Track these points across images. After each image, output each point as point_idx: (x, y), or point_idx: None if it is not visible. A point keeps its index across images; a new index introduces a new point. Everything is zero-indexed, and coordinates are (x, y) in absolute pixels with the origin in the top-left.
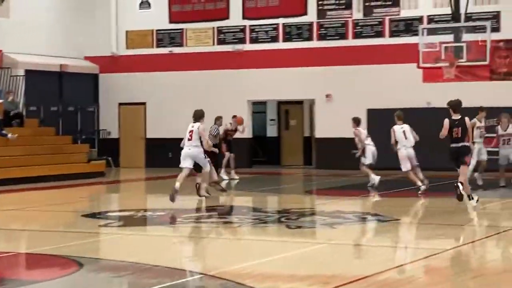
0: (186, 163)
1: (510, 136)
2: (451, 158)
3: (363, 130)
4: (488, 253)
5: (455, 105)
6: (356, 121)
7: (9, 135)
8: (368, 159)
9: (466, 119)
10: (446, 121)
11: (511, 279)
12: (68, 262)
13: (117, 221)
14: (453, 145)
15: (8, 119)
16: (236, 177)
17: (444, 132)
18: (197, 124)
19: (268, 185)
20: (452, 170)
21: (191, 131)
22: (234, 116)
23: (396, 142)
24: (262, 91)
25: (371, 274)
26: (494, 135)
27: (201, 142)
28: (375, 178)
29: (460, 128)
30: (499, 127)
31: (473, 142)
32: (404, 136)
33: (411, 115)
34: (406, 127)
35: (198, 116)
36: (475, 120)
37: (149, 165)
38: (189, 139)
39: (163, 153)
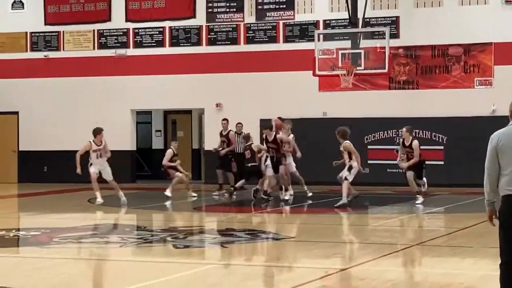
0: None
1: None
2: None
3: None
4: (385, 272)
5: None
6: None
7: None
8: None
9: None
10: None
11: None
12: None
13: None
14: None
15: None
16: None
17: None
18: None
19: (153, 202)
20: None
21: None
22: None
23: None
24: (147, 100)
25: None
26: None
27: None
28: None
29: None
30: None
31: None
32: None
33: (306, 125)
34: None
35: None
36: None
37: (22, 180)
38: None
39: (37, 167)
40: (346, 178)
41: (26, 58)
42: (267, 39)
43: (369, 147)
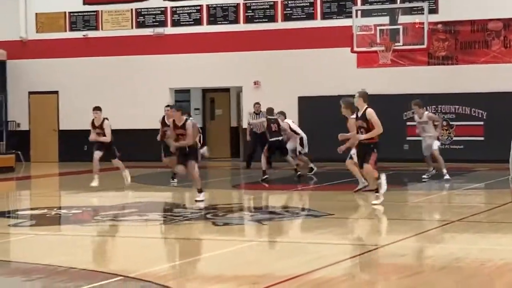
0: None
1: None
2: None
3: (288, 121)
4: (426, 248)
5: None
6: (283, 114)
7: None
8: (305, 148)
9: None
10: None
11: (449, 277)
12: None
13: (29, 220)
14: None
15: None
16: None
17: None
18: None
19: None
20: (393, 161)
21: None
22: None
23: None
24: (185, 78)
25: (303, 273)
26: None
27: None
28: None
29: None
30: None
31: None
32: None
33: None
34: None
35: None
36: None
37: (62, 159)
38: None
39: (78, 146)
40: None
41: (65, 38)
42: (304, 16)
43: (408, 123)
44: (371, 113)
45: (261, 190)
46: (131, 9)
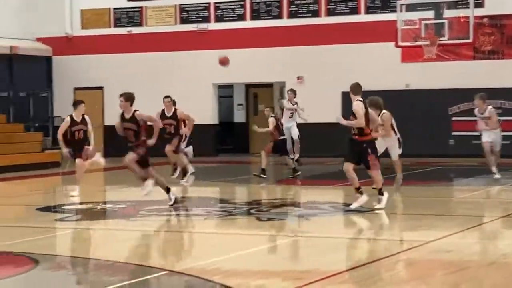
0: None
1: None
2: None
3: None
4: (473, 244)
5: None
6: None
7: None
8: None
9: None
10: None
11: (496, 273)
12: (22, 259)
13: (75, 215)
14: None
15: None
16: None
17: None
18: None
19: (236, 175)
20: (438, 156)
21: None
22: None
23: None
24: (228, 74)
25: (347, 269)
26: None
27: None
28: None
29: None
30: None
31: None
32: None
33: (388, 97)
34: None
35: None
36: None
37: (108, 154)
38: None
39: (123, 141)
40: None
41: (109, 34)
42: (348, 10)
43: (453, 118)
44: (356, 106)
45: (304, 186)
46: (175, 5)
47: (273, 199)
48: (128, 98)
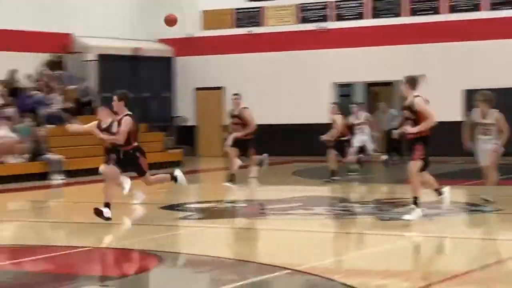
0: None
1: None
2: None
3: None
4: None
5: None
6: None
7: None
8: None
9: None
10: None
11: None
12: (147, 257)
13: (197, 213)
14: None
15: (80, 106)
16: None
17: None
18: None
19: (356, 174)
20: None
21: None
22: None
23: None
24: (348, 73)
25: (473, 270)
26: None
27: None
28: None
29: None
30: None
31: None
32: None
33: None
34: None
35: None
36: None
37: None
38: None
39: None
40: None
41: (230, 34)
42: (471, 7)
43: None
44: (419, 102)
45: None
46: (295, 5)
47: (394, 198)
48: (122, 97)
